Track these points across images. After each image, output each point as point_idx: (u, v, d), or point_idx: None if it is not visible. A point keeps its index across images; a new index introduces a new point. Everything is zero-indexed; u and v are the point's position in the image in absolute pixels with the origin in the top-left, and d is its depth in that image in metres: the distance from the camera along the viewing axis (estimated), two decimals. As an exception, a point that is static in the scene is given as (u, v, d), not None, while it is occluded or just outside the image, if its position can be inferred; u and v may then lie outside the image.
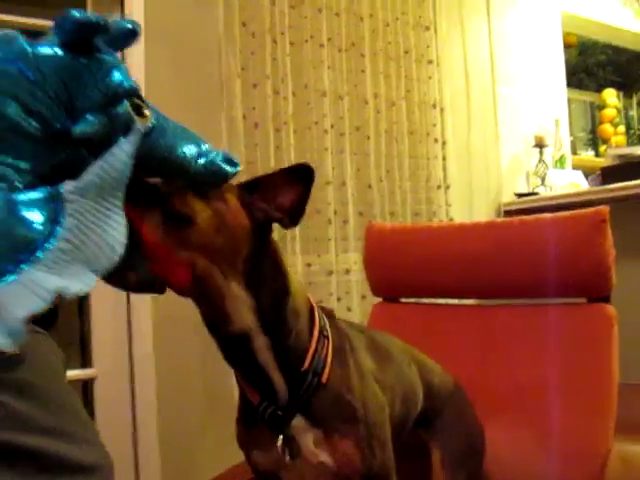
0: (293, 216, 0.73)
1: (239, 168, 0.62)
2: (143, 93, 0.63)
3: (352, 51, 2.40)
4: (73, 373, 2.06)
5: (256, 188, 0.74)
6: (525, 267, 1.54)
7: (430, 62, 2.59)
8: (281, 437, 0.79)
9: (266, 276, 0.73)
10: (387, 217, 2.45)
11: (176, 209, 0.66)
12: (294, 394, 0.76)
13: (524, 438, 1.36)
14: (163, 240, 0.65)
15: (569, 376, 1.41)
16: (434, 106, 2.60)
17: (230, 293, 0.71)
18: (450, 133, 2.64)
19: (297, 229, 2.26)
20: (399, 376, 0.98)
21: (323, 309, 0.87)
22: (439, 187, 2.58)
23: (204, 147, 0.58)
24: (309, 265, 2.32)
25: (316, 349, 0.77)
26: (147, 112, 0.52)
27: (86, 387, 2.26)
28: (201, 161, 0.57)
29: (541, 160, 3.01)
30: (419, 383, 1.06)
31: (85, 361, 2.20)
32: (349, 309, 2.35)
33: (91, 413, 2.07)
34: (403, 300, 1.78)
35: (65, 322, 2.70)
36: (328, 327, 0.82)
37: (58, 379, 1.01)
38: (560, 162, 3.08)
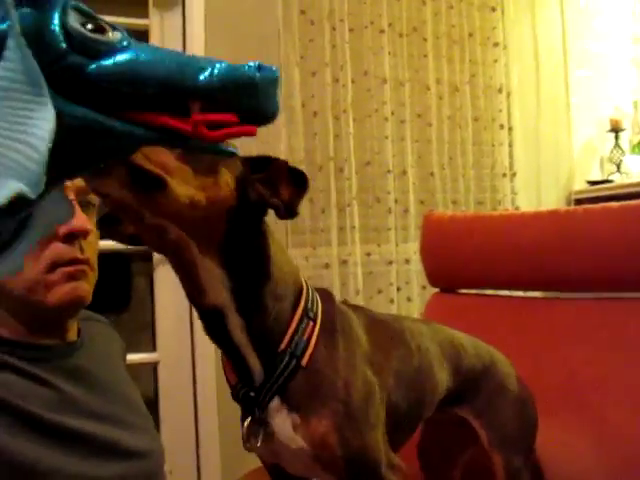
0: (289, 209, 0.71)
1: (276, 74, 0.51)
2: None
3: (414, 36, 2.35)
4: (138, 357, 2.13)
5: (264, 167, 0.72)
6: (590, 259, 1.46)
7: (496, 44, 2.50)
8: (248, 419, 0.77)
9: (246, 258, 0.72)
10: (449, 206, 2.40)
11: (144, 168, 0.60)
12: (270, 376, 0.74)
13: (581, 440, 1.30)
14: (129, 201, 0.62)
15: (635, 377, 1.33)
16: (500, 90, 2.50)
17: (204, 267, 0.69)
18: (517, 118, 2.54)
19: (356, 218, 2.24)
20: (406, 358, 0.94)
21: (321, 292, 0.84)
22: (504, 175, 2.49)
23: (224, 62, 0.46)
24: (368, 254, 2.30)
25: (296, 330, 0.75)
26: (112, 34, 0.43)
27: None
28: (214, 72, 0.45)
29: (617, 145, 2.85)
30: (440, 364, 1.02)
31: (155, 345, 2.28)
32: (409, 299, 2.32)
33: (156, 395, 2.15)
34: (461, 291, 1.74)
35: (138, 306, 2.80)
36: (319, 309, 0.79)
37: (113, 367, 1.05)
38: (638, 147, 2.91)
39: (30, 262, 0.82)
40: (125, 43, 0.44)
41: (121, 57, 0.45)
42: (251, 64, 0.49)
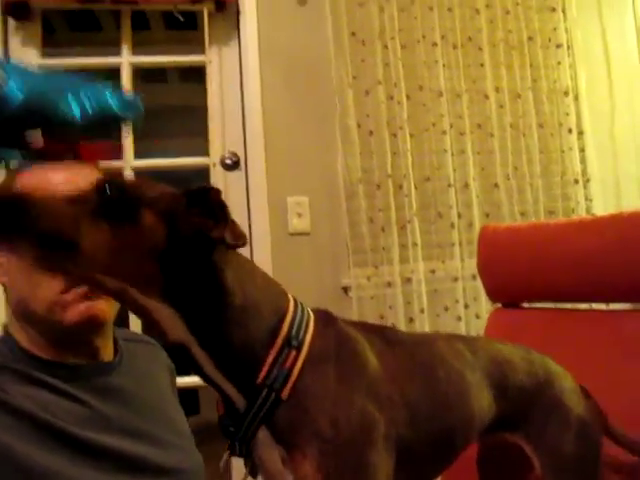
0: (235, 236, 0.67)
1: (138, 111, 0.57)
2: (260, 108, 0.57)
3: (468, 46, 2.29)
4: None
5: (204, 198, 0.68)
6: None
7: (559, 46, 2.39)
8: (227, 453, 0.74)
9: (196, 293, 0.68)
10: (517, 217, 2.29)
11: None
12: (251, 409, 0.70)
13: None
14: (47, 268, 0.64)
15: None
16: (566, 94, 2.38)
17: (153, 308, 0.67)
18: (588, 121, 2.40)
19: (418, 235, 2.20)
20: (428, 387, 0.86)
21: (319, 314, 0.78)
22: (577, 181, 2.36)
23: (94, 93, 0.55)
24: (433, 272, 2.24)
25: (275, 361, 0.70)
26: None
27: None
28: (87, 110, 0.54)
29: None
30: (481, 390, 0.93)
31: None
32: (477, 316, 2.23)
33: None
34: (524, 305, 1.65)
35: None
36: (308, 336, 0.73)
37: (154, 386, 1.07)
38: None
39: (48, 283, 0.87)
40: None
41: (28, 101, 0.50)
42: (113, 97, 0.56)
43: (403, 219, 2.20)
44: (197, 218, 0.67)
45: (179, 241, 0.66)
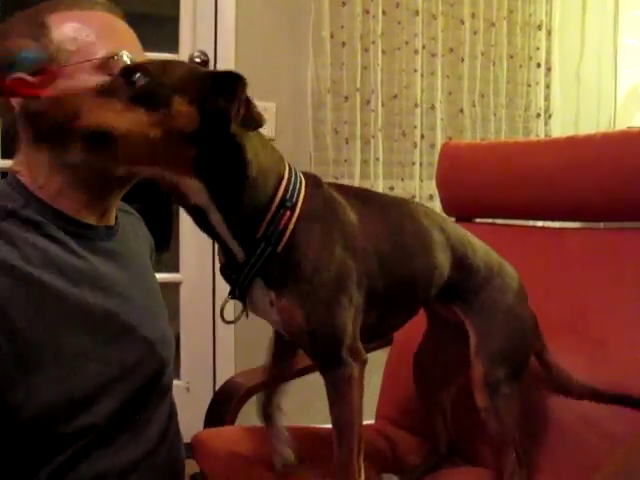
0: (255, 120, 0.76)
1: None
2: (234, 13, 0.70)
3: (449, -32, 2.28)
4: (162, 276, 2.21)
5: (229, 83, 0.75)
6: (605, 187, 1.42)
7: (538, -22, 2.39)
8: (229, 297, 0.89)
9: (222, 167, 0.78)
10: (478, 144, 2.34)
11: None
12: (249, 260, 0.83)
13: (577, 358, 1.28)
14: (94, 162, 0.76)
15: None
16: (539, 28, 2.41)
17: (183, 184, 0.78)
18: (557, 58, 2.44)
19: (381, 151, 2.23)
20: (398, 238, 0.98)
21: (309, 178, 0.89)
22: (539, 116, 2.42)
23: None
24: (392, 189, 2.29)
25: (271, 220, 0.82)
26: None
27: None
28: None
29: (666, 91, 2.70)
30: (442, 249, 1.03)
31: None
32: (430, 236, 2.30)
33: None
34: (477, 220, 1.72)
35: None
36: (300, 197, 0.85)
37: (141, 256, 1.08)
38: (689, 94, 2.75)
39: None
40: None
41: None
42: None
43: (367, 134, 2.22)
44: (222, 102, 0.75)
45: (206, 123, 0.75)
